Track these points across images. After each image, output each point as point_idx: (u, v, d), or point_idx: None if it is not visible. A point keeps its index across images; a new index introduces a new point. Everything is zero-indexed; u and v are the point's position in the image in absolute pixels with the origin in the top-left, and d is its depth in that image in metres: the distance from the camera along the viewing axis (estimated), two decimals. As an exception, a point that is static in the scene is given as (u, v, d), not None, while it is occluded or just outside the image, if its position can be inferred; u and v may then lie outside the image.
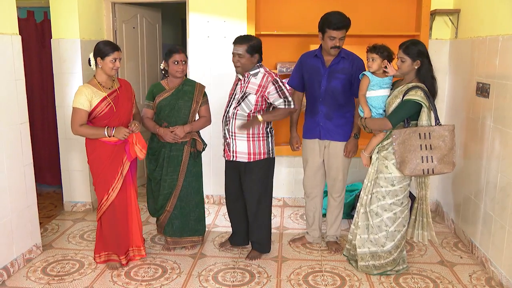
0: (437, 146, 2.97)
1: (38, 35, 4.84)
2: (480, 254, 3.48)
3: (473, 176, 3.67)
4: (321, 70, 3.42)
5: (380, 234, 3.21)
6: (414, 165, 2.98)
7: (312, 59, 3.47)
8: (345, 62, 3.41)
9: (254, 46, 3.23)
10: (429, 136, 2.96)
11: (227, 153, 3.41)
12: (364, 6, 4.39)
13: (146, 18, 5.26)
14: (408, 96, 2.97)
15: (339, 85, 3.41)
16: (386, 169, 3.12)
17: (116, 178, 3.22)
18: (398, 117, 3.02)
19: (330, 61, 3.42)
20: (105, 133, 3.11)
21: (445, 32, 4.35)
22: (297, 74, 3.59)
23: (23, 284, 3.18)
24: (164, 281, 3.23)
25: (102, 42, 3.18)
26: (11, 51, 3.24)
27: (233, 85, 3.45)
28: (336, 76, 3.40)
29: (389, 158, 3.10)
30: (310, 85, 3.49)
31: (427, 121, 3.01)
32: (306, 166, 3.65)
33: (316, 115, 3.49)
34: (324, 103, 3.45)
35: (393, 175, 3.11)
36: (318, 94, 3.45)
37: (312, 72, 3.46)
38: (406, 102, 2.98)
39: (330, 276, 3.30)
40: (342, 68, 3.41)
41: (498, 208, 3.23)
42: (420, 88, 2.98)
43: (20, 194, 3.37)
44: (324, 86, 3.42)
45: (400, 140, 2.99)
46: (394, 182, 3.13)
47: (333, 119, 3.47)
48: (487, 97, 3.42)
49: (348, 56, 3.43)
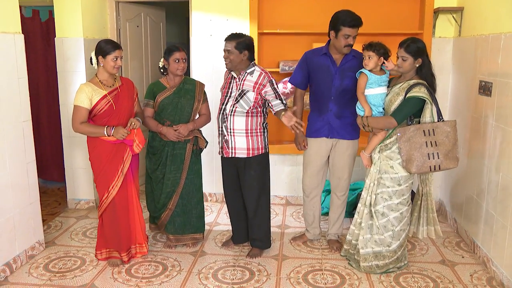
0: (441, 142, 2.96)
1: (43, 34, 4.88)
2: (482, 253, 3.46)
3: (475, 175, 3.65)
4: (332, 69, 3.40)
5: (386, 234, 3.20)
6: (421, 163, 2.97)
7: (320, 58, 3.44)
8: (354, 61, 3.40)
9: (243, 43, 3.27)
10: (433, 133, 2.95)
11: (225, 150, 3.42)
12: (368, 4, 4.36)
13: (150, 16, 5.28)
14: (412, 93, 2.96)
15: (351, 83, 3.38)
16: (391, 169, 3.10)
17: (117, 176, 3.25)
18: (403, 114, 3.01)
19: (340, 59, 3.40)
20: (105, 132, 3.14)
21: (449, 30, 4.32)
22: (302, 72, 3.54)
23: (25, 280, 3.21)
24: (164, 278, 3.25)
25: (104, 40, 3.20)
26: (14, 49, 3.27)
27: (225, 83, 3.47)
28: (348, 75, 3.38)
29: (394, 158, 3.09)
30: (320, 83, 3.46)
31: (431, 118, 3.00)
32: (308, 165, 3.62)
33: (326, 113, 3.46)
34: (335, 102, 3.43)
35: (399, 175, 3.10)
36: (329, 92, 3.42)
37: (321, 71, 3.43)
38: (410, 99, 2.97)
39: (330, 274, 3.30)
40: (353, 66, 3.38)
41: (499, 207, 3.21)
42: (422, 84, 2.98)
43: (23, 191, 3.40)
44: (336, 84, 3.40)
45: (405, 138, 2.98)
46: (400, 182, 3.11)
47: (342, 117, 3.46)
48: (490, 96, 3.39)
49: (357, 55, 3.41)
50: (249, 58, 3.34)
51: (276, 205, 4.74)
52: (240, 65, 3.33)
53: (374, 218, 3.19)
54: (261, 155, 3.43)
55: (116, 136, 3.16)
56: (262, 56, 4.53)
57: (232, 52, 3.27)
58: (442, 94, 4.40)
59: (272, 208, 4.63)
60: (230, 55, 3.29)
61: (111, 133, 3.14)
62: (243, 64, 3.33)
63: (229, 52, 3.28)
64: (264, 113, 3.44)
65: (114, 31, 4.73)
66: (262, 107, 3.40)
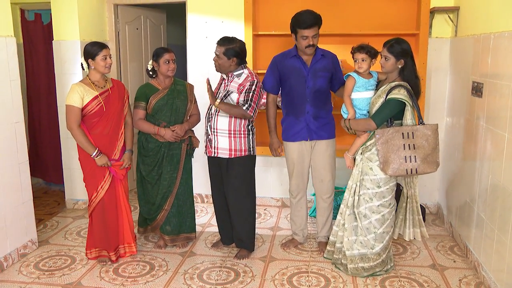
0: (420, 146, 2.91)
1: (45, 37, 4.98)
2: (473, 258, 3.38)
3: (468, 178, 3.58)
4: (303, 71, 3.39)
5: (369, 236, 3.17)
6: (397, 165, 2.93)
7: (290, 60, 3.43)
8: (324, 60, 3.40)
9: (232, 50, 3.28)
10: (412, 136, 2.91)
11: (208, 149, 3.45)
12: (363, 4, 4.33)
13: (150, 19, 5.34)
14: (391, 95, 2.93)
15: (324, 83, 3.40)
16: (371, 171, 3.08)
17: (105, 177, 3.30)
18: (382, 117, 2.98)
19: (310, 60, 3.40)
20: (93, 154, 3.22)
21: (446, 31, 4.25)
22: (272, 77, 3.51)
23: (15, 278, 3.28)
24: (149, 278, 3.27)
25: (89, 43, 3.26)
26: (6, 52, 3.35)
27: (217, 84, 3.51)
28: (320, 75, 3.39)
29: (373, 159, 3.06)
30: (293, 86, 3.45)
31: (412, 120, 2.96)
32: (293, 169, 3.59)
33: (303, 116, 3.45)
34: (311, 103, 3.42)
35: (378, 177, 3.06)
36: (304, 94, 3.41)
37: (293, 73, 3.42)
38: (389, 101, 2.94)
39: (315, 277, 3.27)
40: (324, 66, 3.39)
41: (488, 210, 3.14)
42: (403, 86, 2.93)
43: (15, 191, 3.48)
44: (310, 86, 3.39)
45: (383, 140, 2.94)
46: (380, 184, 3.08)
47: (319, 118, 3.45)
48: (481, 97, 3.32)
49: (326, 53, 3.42)
50: (238, 63, 3.35)
51: (271, 207, 4.74)
52: (228, 69, 3.36)
53: (357, 219, 3.16)
54: (245, 157, 3.42)
55: (98, 163, 3.24)
56: (258, 58, 4.53)
57: (221, 57, 3.31)
58: (439, 95, 4.34)
59: (267, 210, 4.63)
60: (218, 60, 3.33)
61: (98, 157, 3.23)
62: (232, 68, 3.35)
63: (218, 57, 3.32)
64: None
65: (113, 33, 4.79)
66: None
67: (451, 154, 4.09)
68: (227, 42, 3.30)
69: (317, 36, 3.32)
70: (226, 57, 3.29)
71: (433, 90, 4.33)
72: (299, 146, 3.52)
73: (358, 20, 4.35)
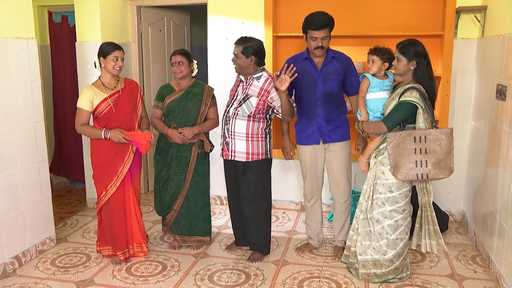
0: (432, 150, 2.80)
1: (70, 38, 5.09)
2: (495, 269, 3.23)
3: (492, 186, 3.42)
4: (314, 73, 3.34)
5: (382, 241, 3.08)
6: (408, 170, 2.83)
7: (301, 63, 3.37)
8: (336, 62, 3.34)
9: (250, 48, 3.25)
10: (425, 140, 2.80)
11: (225, 152, 3.42)
12: (387, 6, 4.23)
13: (174, 20, 5.39)
14: (403, 97, 2.84)
15: (335, 86, 3.33)
16: (383, 175, 2.99)
17: (115, 178, 3.33)
18: (394, 120, 2.89)
19: (321, 62, 3.34)
20: (102, 135, 3.23)
21: (472, 31, 4.08)
22: None
23: (32, 273, 3.36)
24: (161, 277, 3.29)
25: (105, 43, 3.31)
26: (27, 54, 3.44)
27: (234, 86, 3.48)
28: (331, 78, 3.32)
29: (385, 163, 2.97)
30: (304, 89, 3.40)
31: (424, 124, 2.86)
32: (307, 173, 3.54)
33: (314, 119, 3.39)
34: (322, 106, 3.36)
35: (390, 181, 2.97)
36: (315, 97, 3.36)
37: (304, 76, 3.36)
38: (401, 104, 2.85)
39: (327, 282, 3.20)
40: (335, 68, 3.33)
41: (511, 220, 2.99)
42: (416, 89, 2.83)
43: (34, 189, 3.56)
44: (320, 88, 3.34)
45: (395, 144, 2.85)
46: (392, 189, 2.98)
47: (331, 121, 3.38)
48: (504, 100, 3.17)
49: (338, 56, 3.35)
50: (257, 63, 3.32)
51: (290, 210, 4.68)
52: (247, 70, 3.32)
53: (370, 224, 3.08)
54: (262, 160, 3.38)
55: (113, 139, 3.24)
56: (278, 59, 4.49)
57: (239, 56, 3.28)
58: (464, 98, 4.18)
59: (286, 214, 4.58)
60: (237, 59, 3.31)
61: (108, 136, 3.23)
62: (250, 69, 3.32)
63: (237, 56, 3.30)
64: (268, 119, 3.40)
65: (136, 35, 4.85)
66: (265, 113, 3.36)
67: (476, 160, 3.93)
68: (244, 41, 3.29)
69: (328, 38, 3.26)
70: (244, 55, 3.26)
71: (458, 93, 4.17)
72: (312, 149, 3.46)
73: (382, 21, 4.25)
